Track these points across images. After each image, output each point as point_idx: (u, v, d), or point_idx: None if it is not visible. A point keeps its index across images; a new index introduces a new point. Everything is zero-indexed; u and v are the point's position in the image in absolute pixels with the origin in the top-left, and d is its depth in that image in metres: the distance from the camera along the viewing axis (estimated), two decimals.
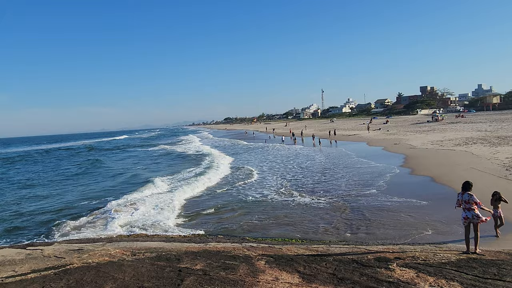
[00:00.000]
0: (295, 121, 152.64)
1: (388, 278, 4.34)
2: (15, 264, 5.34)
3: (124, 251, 6.16)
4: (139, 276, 4.56)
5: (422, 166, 20.22)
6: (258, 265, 5.09)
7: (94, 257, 5.67)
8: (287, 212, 13.53)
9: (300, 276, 4.54)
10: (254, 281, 4.27)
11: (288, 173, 22.04)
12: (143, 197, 15.53)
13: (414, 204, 12.92)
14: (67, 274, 4.73)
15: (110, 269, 4.94)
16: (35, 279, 4.57)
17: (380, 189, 16.08)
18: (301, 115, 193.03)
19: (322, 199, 15.02)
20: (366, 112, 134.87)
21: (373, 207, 13.08)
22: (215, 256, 5.68)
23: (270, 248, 6.83)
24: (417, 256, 5.36)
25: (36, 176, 28.41)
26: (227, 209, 13.71)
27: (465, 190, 6.23)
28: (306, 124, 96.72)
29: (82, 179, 25.22)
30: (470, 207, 5.99)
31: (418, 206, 12.68)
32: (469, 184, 6.28)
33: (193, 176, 21.75)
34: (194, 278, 4.41)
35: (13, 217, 14.41)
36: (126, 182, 22.84)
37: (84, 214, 13.64)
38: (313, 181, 19.10)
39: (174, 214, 13.06)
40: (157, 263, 5.25)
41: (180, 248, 6.56)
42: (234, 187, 18.51)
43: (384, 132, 49.03)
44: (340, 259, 5.50)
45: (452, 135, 34.46)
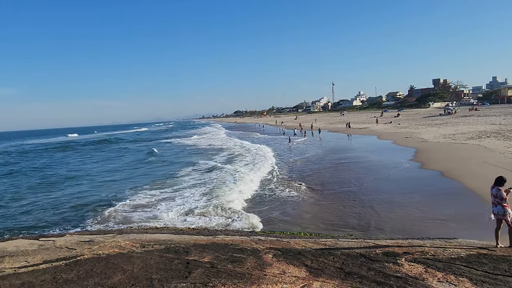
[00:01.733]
0: (305, 114, 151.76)
1: (396, 273, 4.31)
2: (28, 255, 5.45)
3: (133, 243, 6.24)
4: (147, 268, 4.62)
5: (432, 160, 19.97)
6: (265, 258, 5.11)
7: (104, 249, 5.76)
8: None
9: (307, 270, 4.54)
10: (261, 274, 4.29)
11: (304, 169, 22.17)
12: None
13: (423, 199, 12.80)
14: (77, 265, 4.82)
15: (119, 260, 5.01)
16: (47, 269, 4.66)
17: (388, 183, 15.97)
18: (311, 108, 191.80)
19: (330, 191, 14.98)
20: (377, 105, 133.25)
21: (382, 201, 13.00)
22: (223, 249, 5.71)
23: (278, 241, 6.84)
24: (426, 251, 5.31)
25: (121, 166, 29.86)
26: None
27: (497, 185, 6.08)
28: (316, 118, 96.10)
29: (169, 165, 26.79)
30: (498, 202, 5.88)
31: (426, 200, 12.56)
32: (502, 179, 6.11)
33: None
34: (202, 270, 4.44)
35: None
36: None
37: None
38: (322, 174, 19.08)
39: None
40: (166, 255, 5.31)
41: (189, 241, 6.62)
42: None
43: (395, 125, 48.48)
44: (348, 253, 5.48)
45: (465, 128, 33.89)
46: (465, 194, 12.83)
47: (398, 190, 14.47)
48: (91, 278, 4.30)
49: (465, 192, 13.06)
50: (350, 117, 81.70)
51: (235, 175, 19.37)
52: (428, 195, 13.20)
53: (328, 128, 59.17)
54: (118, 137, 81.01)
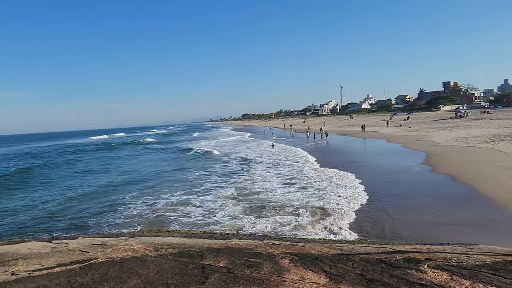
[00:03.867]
0: (313, 117, 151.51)
1: (420, 280, 4.15)
2: (42, 258, 5.40)
3: (146, 246, 6.16)
4: (163, 273, 4.53)
5: (444, 164, 19.68)
6: (282, 264, 4.98)
7: (118, 252, 5.68)
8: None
9: (326, 276, 4.40)
10: (280, 280, 4.16)
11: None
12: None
13: (436, 203, 12.57)
14: (92, 268, 4.74)
15: (134, 264, 4.92)
16: (61, 273, 4.59)
17: (400, 187, 15.73)
18: (319, 111, 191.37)
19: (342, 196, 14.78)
20: (386, 108, 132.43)
21: (395, 204, 12.78)
22: (237, 253, 5.59)
23: (292, 246, 6.69)
24: (448, 258, 5.13)
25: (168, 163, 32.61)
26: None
27: None
28: (324, 120, 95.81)
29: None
30: None
31: (440, 205, 12.33)
32: None
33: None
34: (219, 275, 4.33)
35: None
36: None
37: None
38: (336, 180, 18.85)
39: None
40: (180, 259, 5.21)
41: (202, 245, 6.51)
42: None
43: (405, 128, 48.03)
44: (366, 258, 5.32)
45: (478, 131, 33.38)
46: (479, 199, 12.59)
47: (410, 194, 14.23)
48: (106, 283, 4.21)
49: (478, 197, 12.81)
50: (359, 120, 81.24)
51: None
52: (441, 199, 12.97)
53: (337, 131, 58.85)
54: (144, 138, 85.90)
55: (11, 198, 19.59)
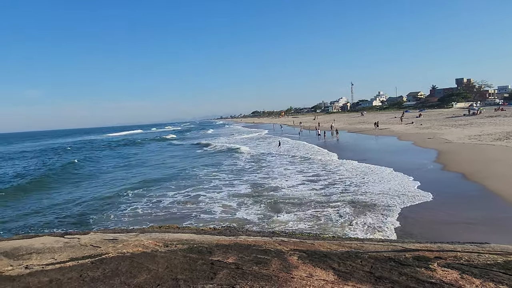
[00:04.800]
0: (323, 114, 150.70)
1: (430, 279, 4.12)
2: (54, 252, 5.51)
3: (156, 242, 6.23)
4: (172, 268, 4.58)
5: (456, 162, 19.44)
6: (291, 260, 4.99)
7: (128, 247, 5.76)
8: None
9: (335, 273, 4.40)
10: (288, 277, 4.18)
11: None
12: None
13: (447, 201, 12.43)
14: (103, 263, 4.83)
15: (144, 259, 4.99)
16: (73, 267, 4.68)
17: (410, 185, 15.59)
18: (329, 109, 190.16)
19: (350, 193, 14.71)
20: (398, 105, 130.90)
21: (406, 203, 12.67)
22: (246, 250, 5.62)
23: (301, 243, 6.70)
24: (459, 256, 5.07)
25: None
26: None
27: None
28: (335, 118, 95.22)
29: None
30: None
31: (451, 203, 12.20)
32: None
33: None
34: (227, 271, 4.37)
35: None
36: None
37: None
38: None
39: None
40: (189, 255, 5.26)
41: (211, 241, 6.56)
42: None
43: (417, 126, 47.47)
44: (375, 256, 5.30)
45: (491, 129, 32.81)
46: (491, 197, 12.43)
47: (421, 192, 14.09)
48: (117, 277, 4.28)
49: (490, 195, 12.65)
50: (370, 118, 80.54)
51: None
52: (452, 198, 12.83)
53: (347, 128, 58.48)
54: (166, 135, 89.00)
55: (70, 190, 21.38)
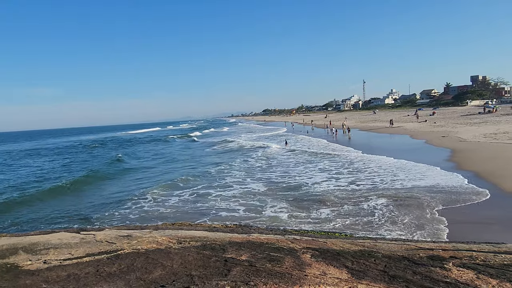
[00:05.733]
0: (335, 112, 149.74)
1: (445, 278, 4.09)
2: (71, 248, 5.63)
3: (170, 239, 6.31)
4: (186, 264, 4.64)
5: (470, 160, 19.14)
6: (303, 258, 5.00)
7: (143, 244, 5.85)
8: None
9: (348, 272, 4.40)
10: (302, 275, 4.19)
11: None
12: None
13: (462, 201, 12.25)
14: (119, 259, 4.91)
15: (158, 256, 5.06)
16: (90, 262, 4.78)
17: (421, 184, 15.40)
18: (341, 107, 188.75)
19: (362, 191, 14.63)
20: (411, 103, 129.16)
21: (418, 202, 12.53)
22: (259, 248, 5.65)
23: (314, 241, 6.70)
24: (475, 256, 5.01)
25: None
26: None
27: None
28: (346, 116, 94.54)
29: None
30: None
31: (466, 203, 12.00)
32: None
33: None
34: (241, 268, 4.40)
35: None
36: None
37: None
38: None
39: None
40: (203, 252, 5.31)
41: (224, 238, 6.61)
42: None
43: (430, 124, 46.82)
44: (389, 255, 5.27)
45: (508, 127, 32.17)
46: (507, 197, 12.20)
47: (434, 191, 13.91)
48: (132, 273, 4.36)
49: (507, 195, 12.42)
50: (382, 116, 79.75)
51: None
52: (467, 197, 12.62)
53: (359, 127, 58.00)
54: (189, 132, 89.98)
55: (130, 180, 23.26)
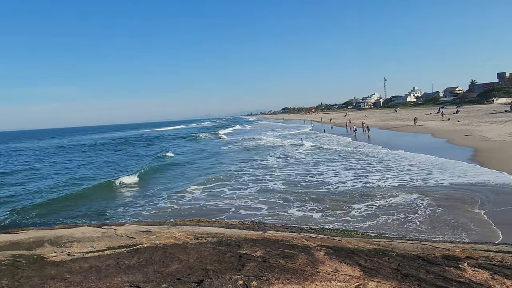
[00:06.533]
0: (355, 111, 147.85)
1: (458, 278, 4.07)
2: (93, 241, 5.88)
3: (187, 234, 6.48)
4: (202, 259, 4.78)
5: (495, 160, 18.63)
6: (317, 256, 5.06)
7: (161, 239, 6.04)
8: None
9: (361, 270, 4.44)
10: (314, 271, 4.26)
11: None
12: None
13: (485, 201, 11.96)
14: (138, 253, 5.11)
15: (175, 250, 5.23)
16: (111, 255, 5.00)
17: (446, 183, 15.12)
18: (361, 105, 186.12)
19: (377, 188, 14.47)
20: (434, 101, 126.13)
21: (437, 201, 12.33)
22: (273, 244, 5.74)
23: (329, 239, 6.74)
24: (491, 257, 4.95)
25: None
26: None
27: None
28: (366, 114, 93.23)
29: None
30: None
31: (489, 203, 11.72)
32: None
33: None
34: (254, 264, 4.51)
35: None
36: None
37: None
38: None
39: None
40: (219, 247, 5.45)
41: (240, 235, 6.73)
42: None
43: (453, 122, 45.67)
44: (403, 254, 5.27)
45: None
46: None
47: (456, 190, 13.65)
48: (150, 266, 4.54)
49: None
50: (404, 114, 78.32)
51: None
52: (490, 197, 12.33)
53: (379, 125, 57.17)
54: (217, 130, 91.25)
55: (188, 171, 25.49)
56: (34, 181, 24.50)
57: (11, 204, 16.88)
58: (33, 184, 23.36)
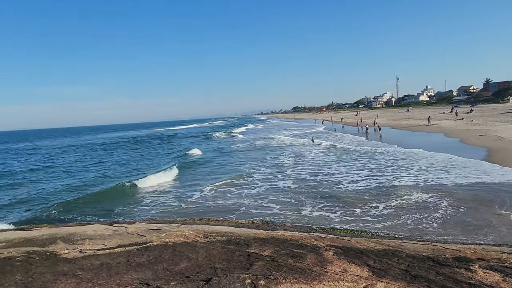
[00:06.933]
0: (366, 110, 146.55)
1: (469, 280, 4.03)
2: (104, 239, 5.97)
3: (197, 233, 6.53)
4: (211, 258, 4.82)
5: (510, 159, 18.23)
6: (326, 256, 5.06)
7: (171, 237, 6.10)
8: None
9: (369, 270, 4.42)
10: (322, 271, 4.26)
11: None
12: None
13: (500, 200, 11.76)
14: (148, 250, 5.18)
15: (185, 249, 5.29)
16: (121, 253, 5.08)
17: (461, 183, 14.90)
18: (373, 104, 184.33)
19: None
20: (447, 101, 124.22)
21: (451, 202, 12.16)
22: (282, 244, 5.75)
23: (338, 239, 6.72)
24: (504, 259, 4.88)
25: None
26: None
27: None
28: (378, 113, 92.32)
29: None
30: None
31: (505, 204, 11.51)
32: None
33: None
34: (263, 263, 4.53)
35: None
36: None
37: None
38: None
39: None
40: (227, 246, 5.48)
41: (249, 234, 6.76)
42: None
43: (467, 122, 44.89)
44: (413, 255, 5.22)
45: None
46: None
47: (471, 191, 13.43)
48: (160, 264, 4.60)
49: None
50: (416, 113, 77.36)
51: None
52: (505, 197, 12.11)
53: (390, 124, 56.60)
54: (232, 130, 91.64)
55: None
56: (66, 178, 25.26)
57: (35, 202, 17.33)
58: (63, 181, 23.90)
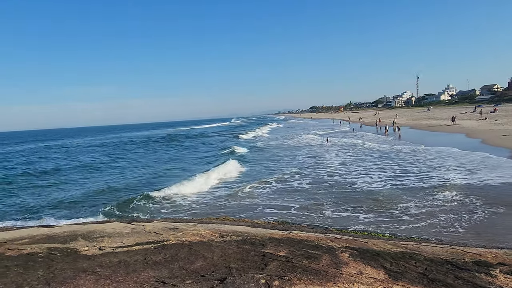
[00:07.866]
0: (385, 109, 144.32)
1: (489, 285, 3.93)
2: (123, 237, 6.10)
3: (213, 232, 6.60)
4: (226, 257, 4.86)
5: None
6: (341, 257, 5.03)
7: (187, 236, 6.18)
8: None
9: (386, 273, 4.37)
10: (337, 273, 4.23)
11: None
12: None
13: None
14: (164, 249, 5.27)
15: (200, 248, 5.35)
16: (139, 251, 5.18)
17: (480, 184, 14.50)
18: (392, 104, 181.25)
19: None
20: (469, 100, 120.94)
21: (474, 207, 11.84)
22: (298, 245, 5.75)
23: (354, 241, 6.66)
24: None
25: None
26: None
27: None
28: (397, 113, 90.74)
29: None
30: None
31: None
32: None
33: None
34: (278, 263, 4.54)
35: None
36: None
37: None
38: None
39: None
40: (243, 246, 5.52)
41: (264, 234, 6.77)
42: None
43: (491, 122, 43.61)
44: (431, 258, 5.13)
45: None
46: None
47: (491, 195, 13.05)
48: (176, 262, 4.67)
49: None
50: (437, 113, 75.68)
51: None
52: None
53: (410, 124, 55.54)
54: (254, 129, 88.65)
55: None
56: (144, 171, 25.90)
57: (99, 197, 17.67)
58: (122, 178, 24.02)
